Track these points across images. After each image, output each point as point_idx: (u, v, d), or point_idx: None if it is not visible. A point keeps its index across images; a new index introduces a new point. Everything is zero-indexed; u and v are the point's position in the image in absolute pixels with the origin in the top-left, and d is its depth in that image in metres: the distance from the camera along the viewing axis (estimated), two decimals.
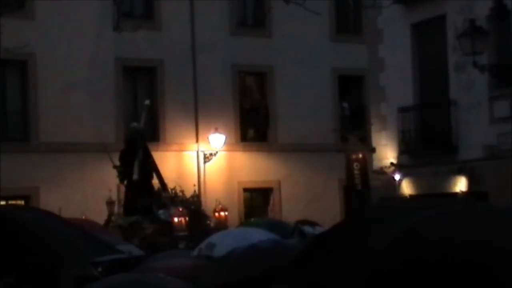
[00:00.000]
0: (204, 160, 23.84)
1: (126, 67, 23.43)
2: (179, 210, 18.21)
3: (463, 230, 2.59)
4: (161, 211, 18.28)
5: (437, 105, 18.05)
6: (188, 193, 19.80)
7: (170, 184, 19.47)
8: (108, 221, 18.31)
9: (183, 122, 23.80)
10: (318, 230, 14.90)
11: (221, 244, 9.77)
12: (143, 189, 18.58)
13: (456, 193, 16.86)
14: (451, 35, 17.18)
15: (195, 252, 10.08)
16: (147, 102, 20.76)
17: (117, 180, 19.30)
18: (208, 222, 19.20)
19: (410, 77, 18.57)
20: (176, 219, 17.96)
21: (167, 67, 23.84)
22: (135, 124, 19.59)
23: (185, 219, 18.00)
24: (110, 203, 19.52)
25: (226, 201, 22.13)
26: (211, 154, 23.77)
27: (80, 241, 4.15)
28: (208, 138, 23.77)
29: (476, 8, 16.63)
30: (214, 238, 10.83)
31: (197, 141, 24.00)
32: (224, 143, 23.84)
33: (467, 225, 2.61)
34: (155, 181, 19.04)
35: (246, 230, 12.21)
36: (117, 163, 18.90)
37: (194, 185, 21.76)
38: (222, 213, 20.50)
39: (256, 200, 25.27)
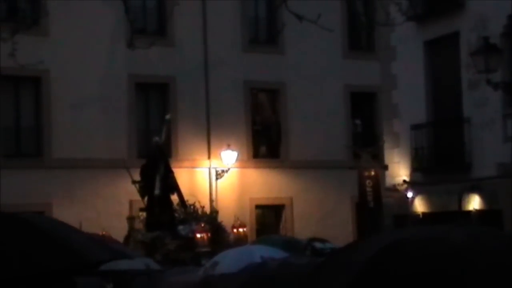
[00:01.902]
0: (216, 176, 23.82)
1: (138, 83, 23.49)
2: (201, 225, 18.10)
3: (440, 244, 2.89)
4: (181, 227, 18.15)
5: (450, 123, 17.99)
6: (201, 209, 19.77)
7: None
8: (129, 236, 18.23)
9: (195, 138, 23.81)
10: (327, 246, 14.95)
11: (223, 262, 9.77)
12: (165, 204, 18.45)
13: (469, 211, 16.75)
14: (465, 52, 17.13)
15: (200, 271, 10.06)
16: (168, 116, 20.70)
17: (129, 196, 19.27)
18: (228, 238, 19.13)
19: (423, 94, 18.52)
20: (198, 235, 17.84)
21: (179, 83, 23.89)
22: (156, 138, 19.48)
23: (207, 235, 17.87)
24: (130, 218, 19.43)
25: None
26: (223, 171, 23.74)
27: (92, 244, 4.21)
28: (220, 154, 23.76)
29: (489, 25, 16.59)
30: (218, 256, 10.82)
31: (209, 157, 24.00)
32: (236, 159, 23.82)
33: (445, 241, 2.92)
34: (173, 197, 18.96)
35: (249, 248, 12.18)
36: (136, 178, 18.80)
37: (213, 201, 21.70)
38: (240, 229, 20.47)
39: (268, 216, 25.20)
